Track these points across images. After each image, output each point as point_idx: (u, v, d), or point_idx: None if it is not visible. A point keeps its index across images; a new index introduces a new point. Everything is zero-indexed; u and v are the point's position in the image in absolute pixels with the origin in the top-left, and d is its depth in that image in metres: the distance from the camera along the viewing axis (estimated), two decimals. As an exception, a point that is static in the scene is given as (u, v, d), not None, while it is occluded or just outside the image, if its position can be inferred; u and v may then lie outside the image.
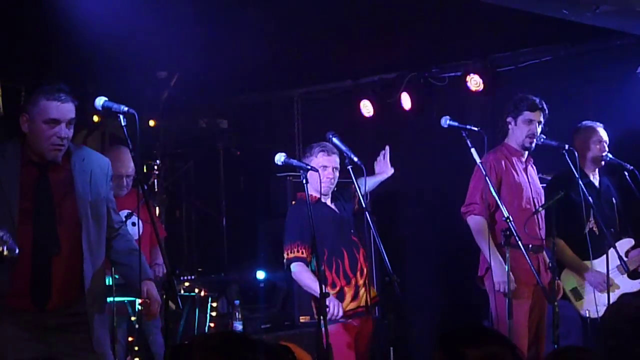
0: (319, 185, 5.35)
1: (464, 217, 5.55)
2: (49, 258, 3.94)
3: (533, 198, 5.58)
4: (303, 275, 5.25)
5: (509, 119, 5.65)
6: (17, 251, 3.72)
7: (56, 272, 3.95)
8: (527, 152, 5.64)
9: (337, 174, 5.45)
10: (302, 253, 5.27)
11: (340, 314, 5.12)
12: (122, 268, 4.26)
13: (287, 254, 5.31)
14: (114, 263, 4.29)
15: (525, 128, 5.56)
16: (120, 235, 4.27)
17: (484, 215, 5.45)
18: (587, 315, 5.71)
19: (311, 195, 5.18)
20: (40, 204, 3.96)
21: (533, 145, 5.58)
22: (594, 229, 5.82)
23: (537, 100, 5.59)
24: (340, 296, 5.26)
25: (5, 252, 3.69)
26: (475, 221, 5.47)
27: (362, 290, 5.34)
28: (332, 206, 5.50)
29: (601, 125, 6.05)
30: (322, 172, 5.35)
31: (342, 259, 5.32)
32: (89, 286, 4.01)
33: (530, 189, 5.59)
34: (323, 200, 5.46)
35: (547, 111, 5.61)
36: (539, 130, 5.59)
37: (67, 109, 3.94)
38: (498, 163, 5.50)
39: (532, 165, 5.74)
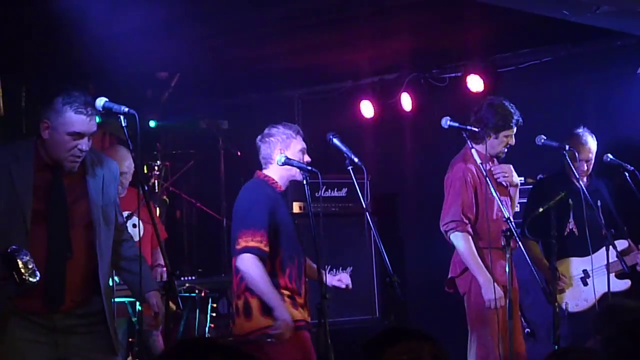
0: (290, 174, 4.66)
1: (445, 236, 5.35)
2: (63, 261, 3.91)
3: (502, 207, 5.42)
4: (256, 273, 4.46)
5: (489, 130, 5.47)
6: (36, 279, 3.70)
7: (70, 275, 3.92)
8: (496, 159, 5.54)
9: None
10: (261, 242, 4.48)
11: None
12: (128, 275, 4.23)
13: (243, 242, 4.49)
14: (120, 269, 4.27)
15: (505, 141, 5.41)
16: (125, 240, 4.26)
17: (468, 232, 5.28)
18: (565, 308, 5.76)
19: (276, 183, 4.67)
20: (53, 206, 3.93)
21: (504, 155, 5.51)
22: (574, 230, 5.86)
23: (519, 115, 5.41)
24: (294, 302, 4.63)
25: (29, 280, 3.69)
26: (459, 238, 5.28)
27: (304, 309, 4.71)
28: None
29: (592, 137, 5.94)
30: (302, 158, 4.66)
31: (292, 265, 4.64)
32: (105, 288, 4.00)
33: (498, 197, 5.48)
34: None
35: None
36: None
37: (92, 124, 3.90)
38: (472, 173, 5.33)
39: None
